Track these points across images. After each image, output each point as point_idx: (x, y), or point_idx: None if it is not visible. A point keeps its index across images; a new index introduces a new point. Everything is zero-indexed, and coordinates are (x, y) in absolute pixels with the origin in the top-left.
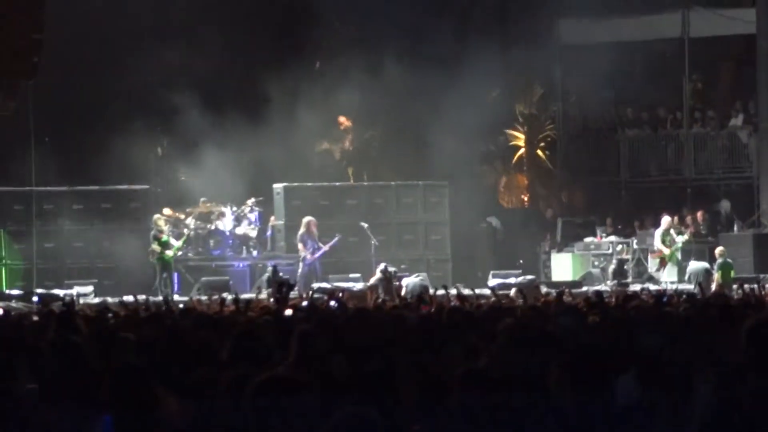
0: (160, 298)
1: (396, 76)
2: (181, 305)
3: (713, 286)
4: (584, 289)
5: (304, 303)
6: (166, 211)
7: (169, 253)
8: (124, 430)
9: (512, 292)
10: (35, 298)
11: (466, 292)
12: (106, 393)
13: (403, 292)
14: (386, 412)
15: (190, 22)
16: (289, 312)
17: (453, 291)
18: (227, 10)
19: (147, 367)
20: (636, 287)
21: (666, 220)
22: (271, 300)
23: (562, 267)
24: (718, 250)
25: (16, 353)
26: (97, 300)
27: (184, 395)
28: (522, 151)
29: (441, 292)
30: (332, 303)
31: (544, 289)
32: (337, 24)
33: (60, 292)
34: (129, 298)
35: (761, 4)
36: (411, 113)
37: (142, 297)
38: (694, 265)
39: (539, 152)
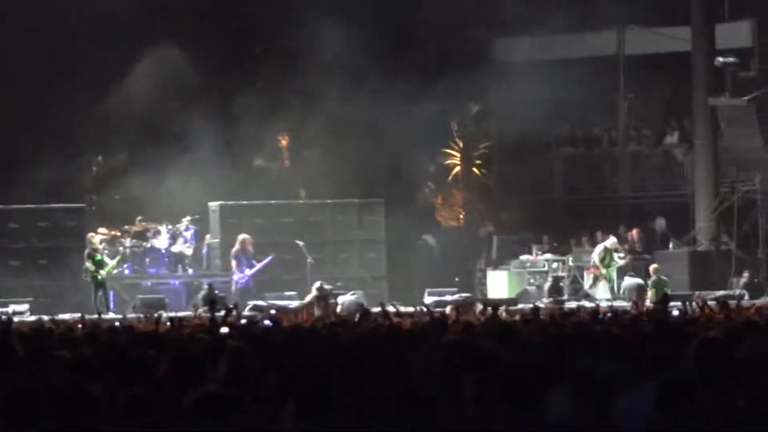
0: (95, 316)
1: (333, 95)
2: (117, 323)
3: (647, 302)
4: (520, 306)
5: (242, 321)
6: (102, 229)
7: (103, 272)
8: None
9: (448, 309)
10: None
11: (402, 309)
12: (42, 412)
13: (338, 310)
14: (321, 428)
15: (128, 34)
16: (224, 330)
17: (390, 308)
18: (170, 22)
19: (84, 386)
20: (572, 304)
21: (611, 239)
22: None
23: (498, 284)
24: (653, 267)
25: None
26: (32, 318)
27: (120, 413)
28: (458, 168)
29: (377, 309)
30: (266, 321)
31: (479, 307)
32: (280, 42)
33: None
34: (64, 317)
35: (696, 21)
36: (347, 132)
37: (77, 315)
38: (628, 281)
39: (475, 170)
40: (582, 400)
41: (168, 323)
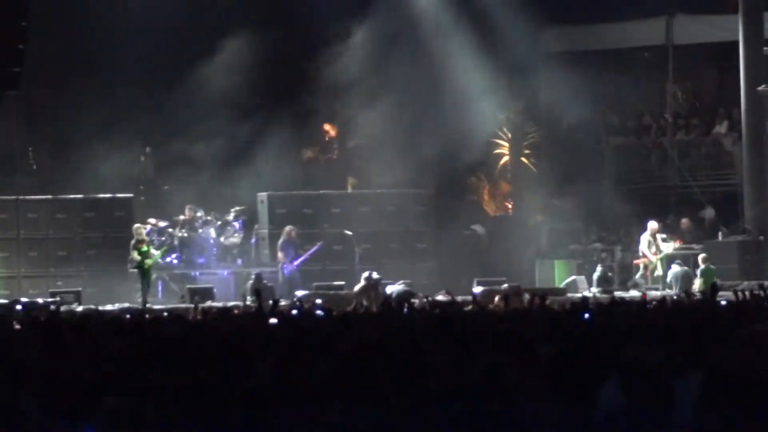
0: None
1: (381, 85)
2: (165, 313)
3: (695, 291)
4: (569, 296)
5: (293, 311)
6: (151, 219)
7: (149, 261)
8: None
9: (496, 299)
10: (19, 307)
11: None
12: (93, 402)
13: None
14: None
15: (175, 27)
16: (273, 320)
17: (440, 297)
18: (212, 15)
19: (131, 376)
20: (621, 294)
21: (651, 225)
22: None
23: (547, 274)
24: (701, 256)
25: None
26: (80, 308)
27: (169, 401)
28: (506, 158)
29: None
30: (317, 311)
31: (527, 297)
32: (331, 29)
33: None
34: (112, 307)
35: (745, 10)
36: (396, 121)
37: (125, 305)
38: (675, 269)
39: (524, 159)
40: (632, 389)
41: (216, 314)
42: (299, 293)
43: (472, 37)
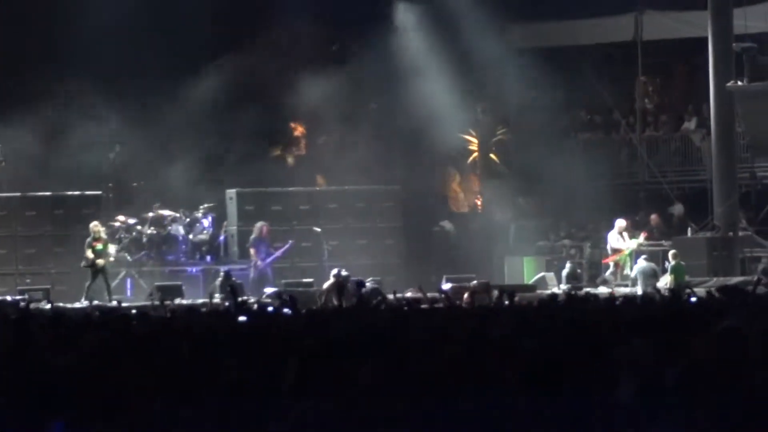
0: (113, 303)
1: (349, 81)
2: (133, 311)
3: (660, 286)
4: (538, 292)
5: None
6: (120, 217)
7: (100, 261)
8: None
9: (465, 295)
10: None
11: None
12: (61, 397)
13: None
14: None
15: (138, 23)
16: (242, 318)
17: (408, 294)
18: (176, 9)
19: (102, 371)
20: (589, 291)
21: (619, 222)
22: (225, 305)
23: (516, 271)
24: (671, 252)
25: None
26: (48, 306)
27: (139, 398)
28: (475, 154)
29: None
30: (285, 309)
31: (496, 293)
32: (293, 24)
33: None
34: (81, 304)
35: (714, 6)
36: (364, 118)
37: (96, 302)
38: (641, 265)
39: (492, 155)
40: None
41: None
42: (268, 290)
43: (440, 33)
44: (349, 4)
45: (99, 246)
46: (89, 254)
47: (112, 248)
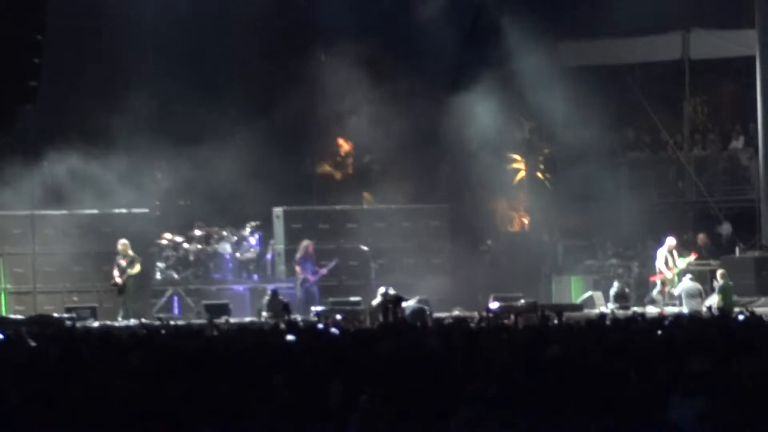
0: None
1: (396, 100)
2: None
3: (706, 306)
4: (585, 311)
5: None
6: (167, 234)
7: (119, 279)
8: None
9: (512, 315)
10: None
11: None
12: (111, 414)
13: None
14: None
15: (190, 42)
16: (290, 337)
17: (455, 313)
18: (227, 28)
19: (147, 389)
20: (638, 310)
21: (669, 240)
22: (272, 323)
23: (563, 290)
24: (720, 272)
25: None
26: (96, 324)
27: (184, 415)
28: (522, 174)
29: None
30: (333, 330)
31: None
32: (341, 43)
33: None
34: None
35: (761, 25)
36: (411, 137)
37: (143, 320)
38: (686, 284)
39: (539, 174)
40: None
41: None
42: (316, 308)
43: (488, 51)
44: (395, 22)
45: (123, 263)
46: (114, 272)
47: (137, 266)
